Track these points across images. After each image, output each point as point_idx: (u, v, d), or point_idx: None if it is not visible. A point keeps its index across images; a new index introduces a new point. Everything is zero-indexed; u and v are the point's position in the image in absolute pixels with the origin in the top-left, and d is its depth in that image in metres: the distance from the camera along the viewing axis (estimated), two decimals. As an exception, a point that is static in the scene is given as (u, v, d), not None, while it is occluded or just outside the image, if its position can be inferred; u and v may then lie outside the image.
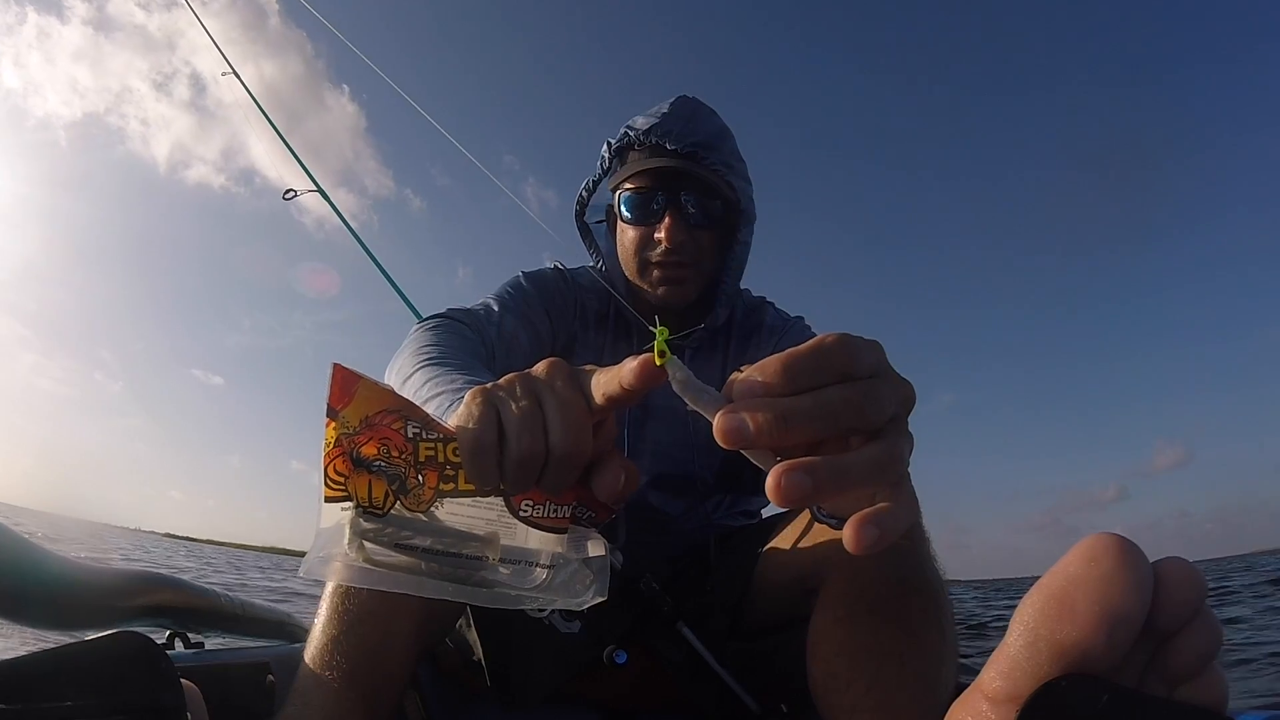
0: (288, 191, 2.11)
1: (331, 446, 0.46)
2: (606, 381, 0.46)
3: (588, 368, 0.49)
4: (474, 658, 1.00)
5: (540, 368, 0.50)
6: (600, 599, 0.49)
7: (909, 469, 0.43)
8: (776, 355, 0.40)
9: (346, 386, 0.46)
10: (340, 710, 0.74)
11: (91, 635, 0.57)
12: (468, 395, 0.48)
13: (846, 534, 0.38)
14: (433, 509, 0.47)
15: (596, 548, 0.50)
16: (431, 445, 0.47)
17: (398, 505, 0.47)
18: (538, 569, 0.49)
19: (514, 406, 0.46)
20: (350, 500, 0.47)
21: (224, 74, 2.40)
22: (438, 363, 0.86)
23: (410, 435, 0.46)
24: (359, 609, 0.78)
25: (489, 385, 0.49)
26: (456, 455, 0.47)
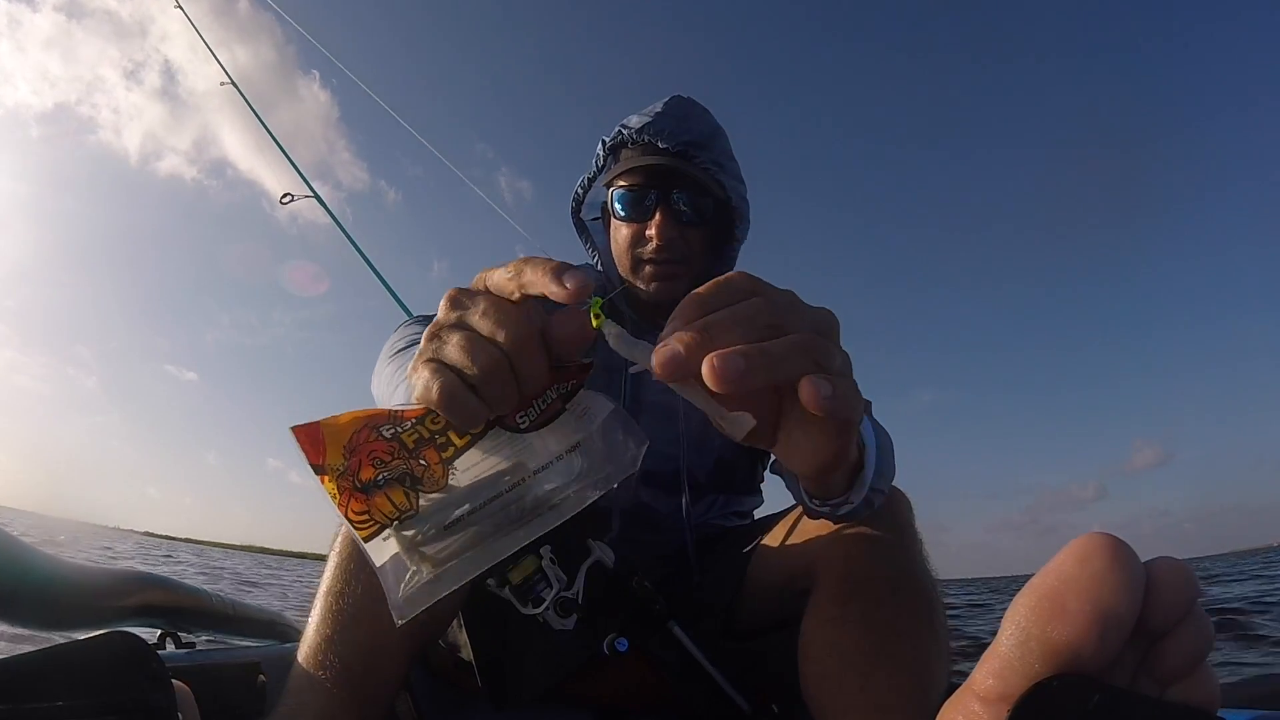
0: (284, 196, 2.10)
1: (338, 496, 0.46)
2: (532, 281, 0.45)
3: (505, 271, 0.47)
4: (464, 657, 1.00)
5: (446, 299, 0.49)
6: (645, 444, 0.49)
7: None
8: (684, 302, 0.42)
9: (313, 440, 0.46)
10: (333, 710, 0.74)
11: (83, 635, 0.57)
12: (409, 368, 0.48)
13: (802, 391, 0.40)
14: (449, 480, 0.48)
15: (603, 408, 0.50)
16: (411, 430, 0.47)
17: (421, 498, 0.47)
18: (570, 457, 0.49)
19: (451, 345, 0.46)
20: (384, 525, 0.47)
21: (223, 84, 2.39)
22: (404, 350, 0.89)
23: (389, 436, 0.47)
24: (353, 608, 0.78)
25: (421, 343, 0.48)
26: (435, 424, 0.48)
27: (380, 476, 0.46)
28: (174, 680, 0.59)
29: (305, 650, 0.77)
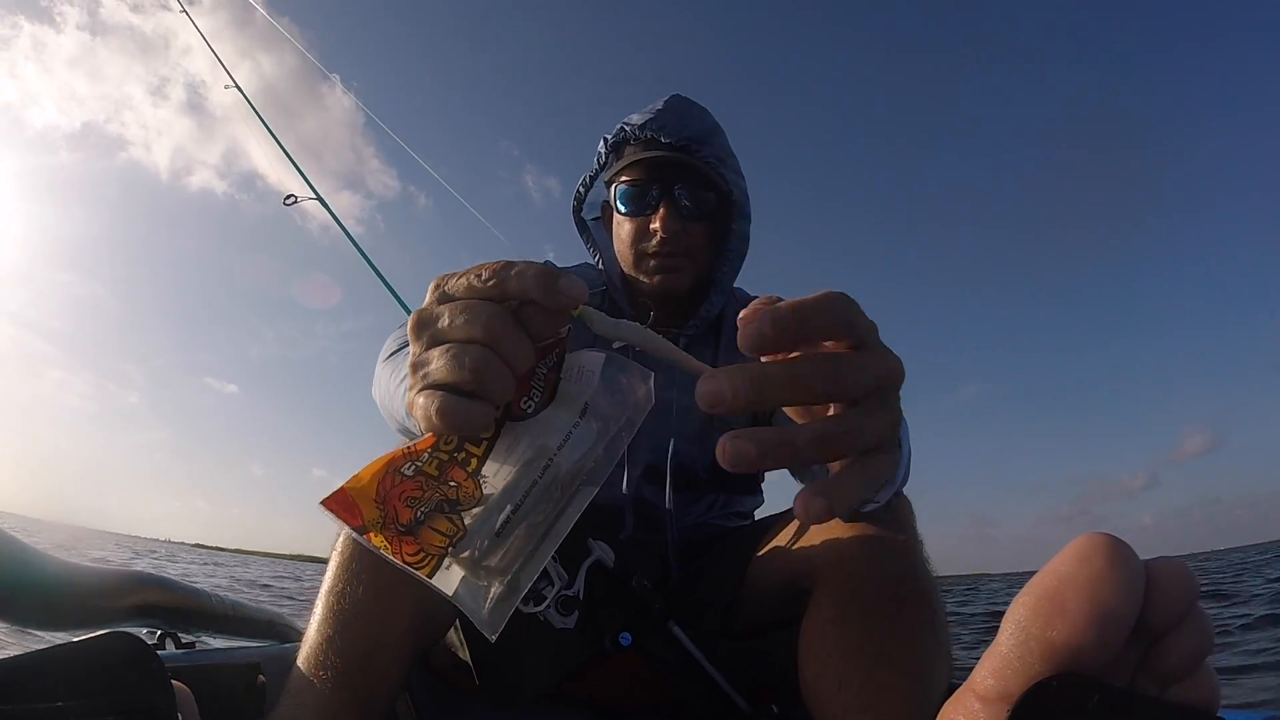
0: (288, 197, 2.10)
1: (389, 547, 0.46)
2: (521, 289, 0.44)
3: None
4: (462, 657, 1.00)
5: (410, 330, 0.48)
6: (650, 375, 0.48)
7: (898, 443, 0.43)
8: (784, 303, 0.40)
9: (346, 505, 0.46)
10: (333, 710, 0.74)
11: (82, 635, 0.57)
12: (407, 399, 0.47)
13: (796, 507, 0.39)
14: (484, 491, 0.48)
15: (596, 362, 0.49)
16: (430, 459, 0.47)
17: (465, 517, 0.47)
18: (585, 422, 0.49)
19: (434, 365, 0.45)
20: (440, 556, 0.47)
21: (226, 87, 2.40)
22: (396, 354, 0.90)
23: (412, 473, 0.47)
24: (354, 608, 0.78)
25: (409, 365, 0.47)
26: (449, 444, 0.47)
27: (419, 513, 0.46)
28: (173, 681, 0.59)
29: (306, 650, 0.77)
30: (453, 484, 0.47)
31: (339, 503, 0.46)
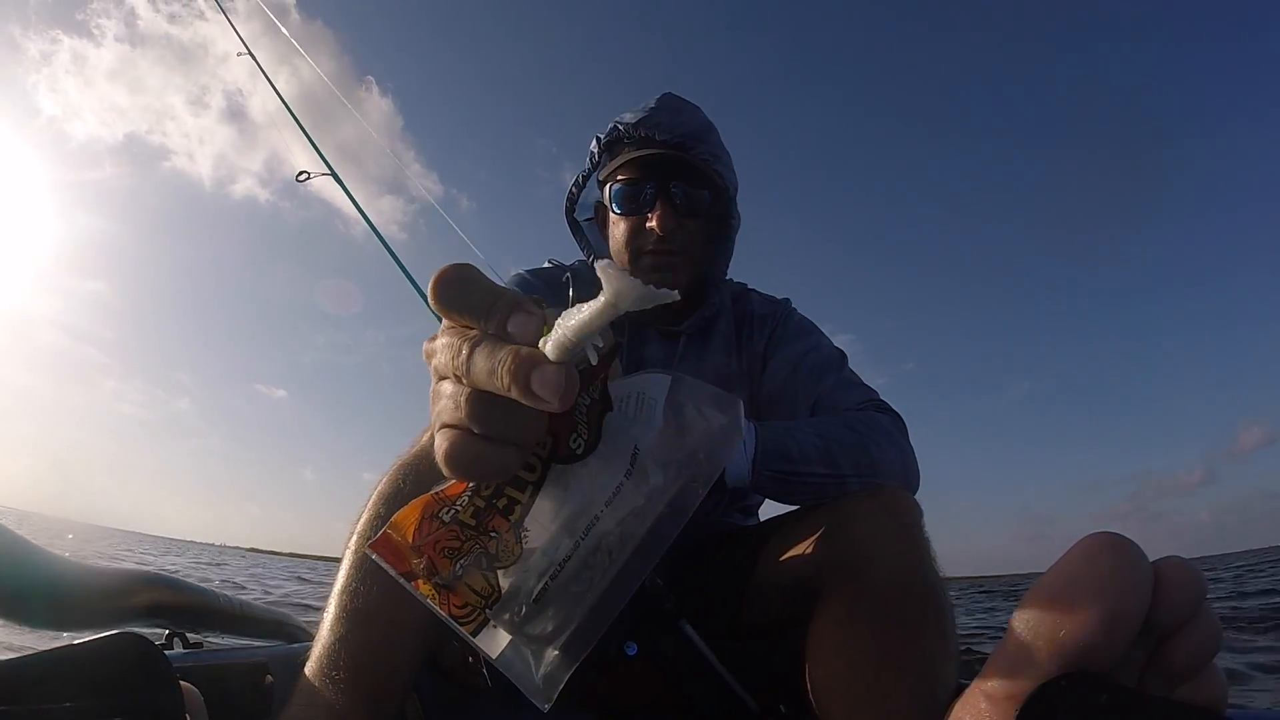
0: (300, 174, 2.09)
1: (436, 598, 0.40)
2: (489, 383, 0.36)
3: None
4: (469, 659, 1.00)
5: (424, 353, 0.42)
6: (738, 403, 0.40)
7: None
8: None
9: (392, 549, 0.40)
10: (345, 710, 0.74)
11: (89, 636, 0.57)
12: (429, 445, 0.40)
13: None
14: (523, 545, 0.41)
15: (658, 387, 0.41)
16: (465, 505, 0.40)
17: (501, 576, 0.41)
18: (638, 470, 0.41)
19: (442, 401, 0.38)
20: (484, 615, 0.41)
21: (239, 54, 2.39)
22: None
23: (448, 520, 0.40)
24: (366, 607, 0.78)
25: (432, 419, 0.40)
26: (487, 488, 0.40)
27: (458, 567, 0.40)
28: (181, 681, 0.60)
29: (319, 649, 0.77)
30: (493, 534, 0.40)
31: (385, 546, 0.40)
